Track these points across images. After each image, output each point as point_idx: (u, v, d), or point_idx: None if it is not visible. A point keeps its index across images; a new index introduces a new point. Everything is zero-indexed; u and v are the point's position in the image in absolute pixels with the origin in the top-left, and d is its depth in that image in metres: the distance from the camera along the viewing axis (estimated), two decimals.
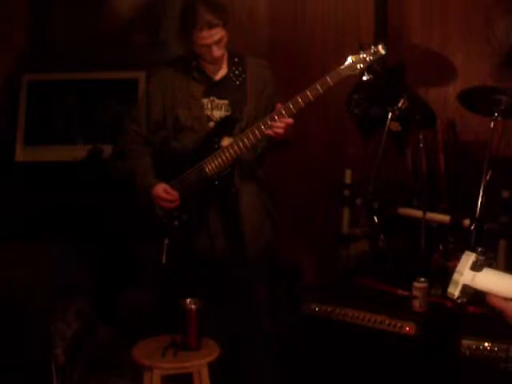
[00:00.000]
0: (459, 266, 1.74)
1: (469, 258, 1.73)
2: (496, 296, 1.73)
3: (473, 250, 1.75)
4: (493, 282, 1.73)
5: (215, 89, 3.12)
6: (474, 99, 3.40)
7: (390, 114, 3.41)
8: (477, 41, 4.07)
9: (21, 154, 4.25)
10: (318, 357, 3.18)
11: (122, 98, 4.28)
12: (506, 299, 1.72)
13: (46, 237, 3.73)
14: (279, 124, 2.92)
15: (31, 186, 4.05)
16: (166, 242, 3.05)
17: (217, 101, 3.12)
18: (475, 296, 1.75)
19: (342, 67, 2.91)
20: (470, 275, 1.72)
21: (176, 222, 3.12)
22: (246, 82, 3.11)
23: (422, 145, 3.63)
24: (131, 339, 3.10)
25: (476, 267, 1.72)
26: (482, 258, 1.72)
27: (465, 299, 1.73)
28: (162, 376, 2.92)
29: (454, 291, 1.73)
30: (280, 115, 2.93)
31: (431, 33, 4.16)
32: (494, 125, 3.28)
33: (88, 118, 4.34)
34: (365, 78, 2.95)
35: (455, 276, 1.74)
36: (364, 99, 3.77)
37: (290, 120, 2.94)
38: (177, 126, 3.12)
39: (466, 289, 1.72)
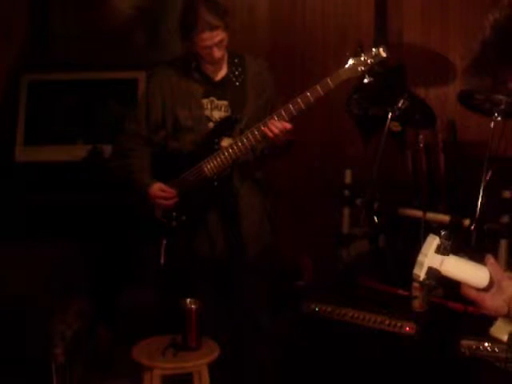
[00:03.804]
0: (423, 248, 1.72)
1: (433, 241, 1.71)
2: (470, 287, 1.72)
3: (437, 233, 1.73)
4: (462, 269, 1.71)
5: (215, 89, 3.12)
6: (474, 99, 3.40)
7: (390, 114, 3.40)
8: None
9: (21, 154, 4.25)
10: (318, 357, 3.18)
11: (122, 97, 4.28)
12: (478, 289, 1.72)
13: (46, 237, 3.73)
14: (277, 124, 2.91)
15: (31, 185, 4.05)
16: (164, 242, 3.06)
17: (216, 101, 3.11)
18: (442, 280, 1.73)
19: (342, 69, 2.89)
20: (437, 259, 1.70)
21: (174, 223, 3.12)
22: (245, 83, 3.11)
23: (421, 145, 3.62)
24: (131, 339, 3.10)
25: (441, 251, 1.70)
26: (446, 242, 1.70)
27: (432, 282, 1.72)
28: (161, 376, 2.92)
29: (420, 272, 1.71)
30: (280, 116, 2.93)
31: (431, 33, 4.17)
32: (494, 125, 3.28)
33: (88, 118, 4.34)
34: (366, 81, 2.93)
35: (420, 257, 1.72)
36: (364, 99, 3.77)
37: (288, 125, 2.92)
38: (176, 126, 3.12)
39: (431, 271, 1.70)
